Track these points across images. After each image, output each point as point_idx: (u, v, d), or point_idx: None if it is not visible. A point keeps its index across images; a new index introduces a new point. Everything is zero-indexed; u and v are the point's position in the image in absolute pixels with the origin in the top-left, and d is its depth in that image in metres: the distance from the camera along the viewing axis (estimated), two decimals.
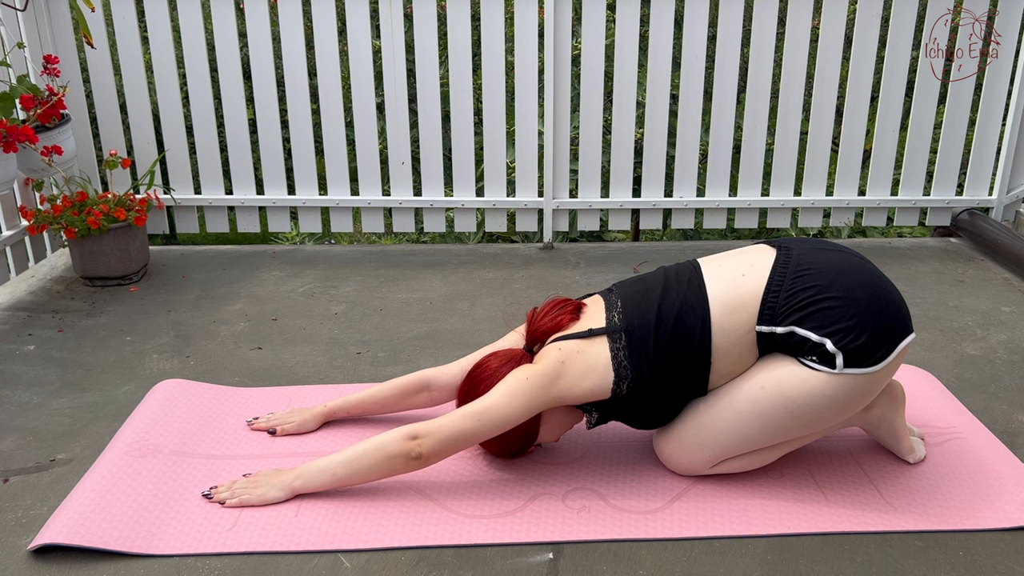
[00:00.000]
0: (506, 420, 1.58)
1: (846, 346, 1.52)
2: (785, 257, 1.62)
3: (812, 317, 1.54)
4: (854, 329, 1.52)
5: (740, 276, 1.62)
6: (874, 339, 1.53)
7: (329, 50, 3.05)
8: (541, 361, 1.63)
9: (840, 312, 1.53)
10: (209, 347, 2.36)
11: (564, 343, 1.64)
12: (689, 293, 1.62)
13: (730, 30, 3.06)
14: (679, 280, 1.65)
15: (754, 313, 1.58)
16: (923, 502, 1.63)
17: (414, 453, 1.57)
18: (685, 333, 1.59)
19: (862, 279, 1.57)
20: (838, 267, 1.59)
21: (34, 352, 2.33)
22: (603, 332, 1.63)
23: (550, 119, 3.09)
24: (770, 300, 1.57)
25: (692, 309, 1.60)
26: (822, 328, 1.53)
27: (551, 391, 1.60)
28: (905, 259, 3.06)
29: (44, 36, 2.96)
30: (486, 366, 1.71)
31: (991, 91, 3.16)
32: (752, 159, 3.22)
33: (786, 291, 1.57)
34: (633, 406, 1.65)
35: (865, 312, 1.54)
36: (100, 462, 1.75)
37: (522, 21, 3.02)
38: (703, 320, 1.59)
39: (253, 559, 1.50)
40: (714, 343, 1.59)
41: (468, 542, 1.54)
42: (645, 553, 1.52)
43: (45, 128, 2.65)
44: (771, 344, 1.60)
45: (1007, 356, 2.28)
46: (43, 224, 2.72)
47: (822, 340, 1.53)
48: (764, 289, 1.58)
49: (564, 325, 1.69)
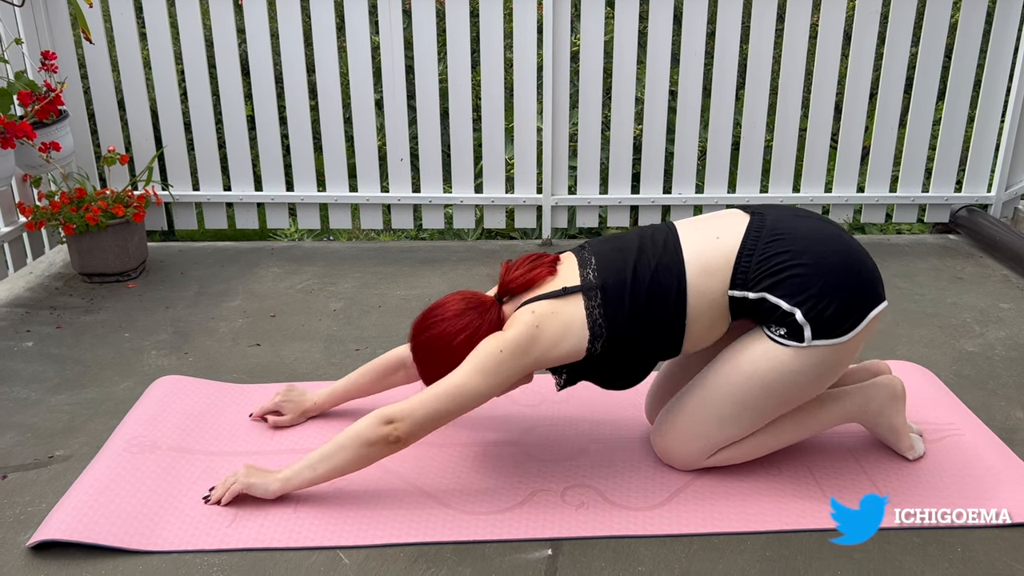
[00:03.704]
0: (482, 395, 1.56)
1: (815, 316, 1.52)
2: (759, 222, 1.61)
3: (783, 284, 1.54)
4: (824, 297, 1.52)
5: (715, 239, 1.61)
6: (843, 308, 1.53)
7: (328, 46, 3.05)
8: (513, 327, 1.58)
9: (810, 280, 1.53)
10: (207, 343, 2.36)
11: (537, 305, 1.60)
12: (665, 254, 1.60)
13: (729, 26, 3.05)
14: (655, 241, 1.64)
15: (727, 277, 1.58)
16: (921, 499, 1.63)
17: (391, 437, 1.54)
18: (661, 293, 1.58)
19: (834, 246, 1.57)
20: (811, 234, 1.58)
21: (32, 348, 2.33)
22: (578, 290, 1.60)
23: (549, 115, 3.09)
24: (742, 264, 1.57)
25: (668, 269, 1.59)
26: (793, 296, 1.53)
27: (527, 359, 1.57)
28: (904, 256, 3.06)
29: (42, 32, 2.96)
30: (445, 311, 1.64)
31: (990, 88, 3.16)
32: (751, 156, 3.22)
33: (758, 256, 1.56)
34: (605, 366, 1.64)
35: (835, 280, 1.53)
36: (99, 458, 1.75)
37: (521, 17, 3.01)
38: (679, 281, 1.58)
39: (252, 555, 1.50)
40: (689, 305, 1.58)
41: (467, 538, 1.54)
42: (644, 549, 1.52)
43: (43, 124, 2.64)
44: (743, 309, 1.59)
45: (1005, 353, 2.28)
46: (41, 220, 2.72)
47: (792, 309, 1.53)
48: (737, 253, 1.58)
49: (541, 279, 1.65)
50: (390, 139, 3.16)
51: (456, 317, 1.63)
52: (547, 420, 1.93)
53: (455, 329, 1.62)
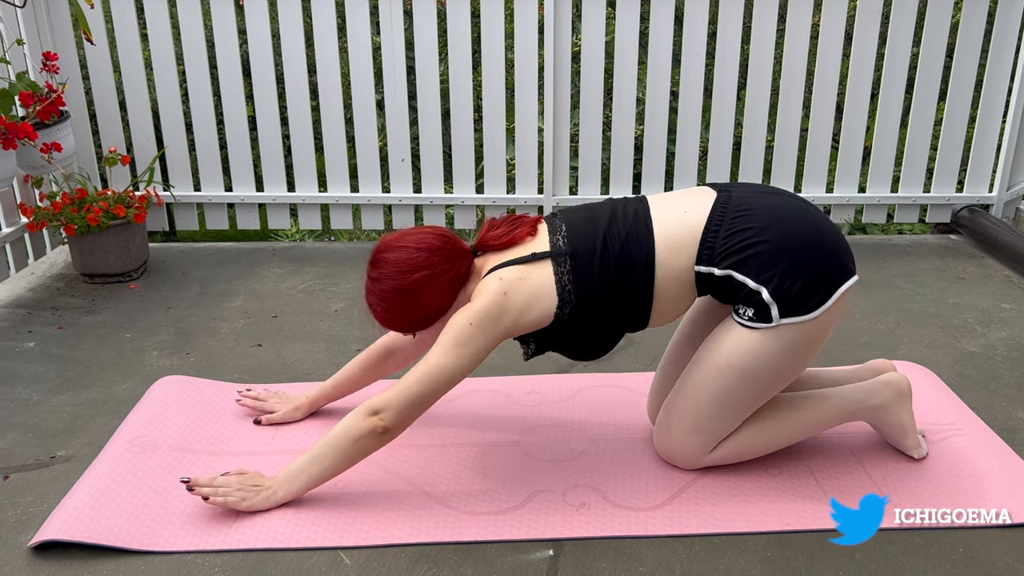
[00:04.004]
0: (459, 371, 1.55)
1: (782, 294, 1.52)
2: (725, 198, 1.61)
3: (748, 262, 1.54)
4: (789, 274, 1.52)
5: (683, 213, 1.61)
6: (810, 284, 1.53)
7: (329, 47, 3.05)
8: (481, 296, 1.57)
9: (776, 257, 1.53)
10: (209, 344, 2.36)
11: (504, 271, 1.59)
12: (636, 225, 1.60)
13: (730, 27, 3.05)
14: (626, 212, 1.64)
15: (693, 252, 1.58)
16: (921, 499, 1.63)
17: (379, 428, 1.54)
18: (630, 264, 1.58)
19: (800, 222, 1.57)
20: (776, 210, 1.58)
21: (34, 349, 2.33)
22: (547, 256, 1.59)
23: (550, 116, 3.09)
24: (708, 240, 1.57)
25: (638, 241, 1.58)
26: (759, 275, 1.53)
27: (498, 328, 1.56)
28: (905, 256, 3.06)
29: (43, 33, 2.96)
30: (418, 241, 1.60)
31: (991, 88, 3.16)
32: (752, 156, 3.22)
33: (724, 232, 1.56)
34: (572, 335, 1.63)
35: (801, 256, 1.53)
36: (100, 459, 1.75)
37: (522, 18, 3.01)
38: (648, 253, 1.58)
39: (253, 556, 1.50)
40: (656, 277, 1.58)
41: (468, 539, 1.54)
42: (645, 550, 1.52)
43: (44, 125, 2.64)
44: (709, 285, 1.59)
45: (1007, 353, 2.28)
46: (43, 221, 2.72)
47: (759, 288, 1.53)
48: (703, 229, 1.58)
49: (521, 238, 1.64)
50: (391, 139, 3.16)
51: (425, 251, 1.61)
52: (548, 420, 1.93)
53: (417, 263, 1.59)
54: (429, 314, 1.63)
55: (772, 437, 1.70)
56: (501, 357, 2.26)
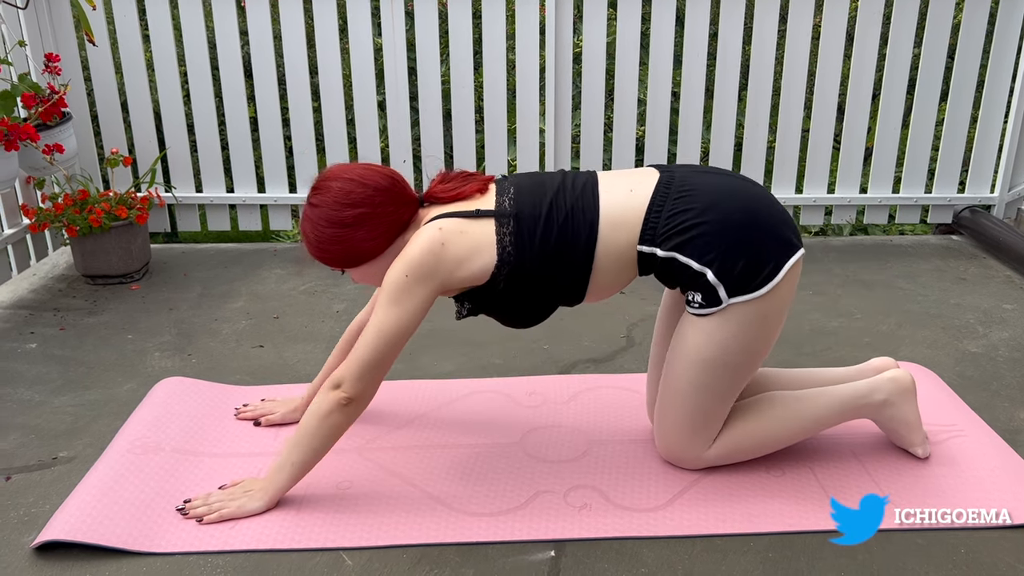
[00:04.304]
0: (405, 326, 1.54)
1: (726, 273, 1.53)
2: (668, 179, 1.61)
3: (691, 244, 1.54)
4: (731, 254, 1.53)
5: (629, 192, 1.61)
6: (754, 262, 1.53)
7: (330, 48, 3.05)
8: (417, 243, 1.54)
9: (717, 237, 1.53)
10: (211, 345, 2.36)
11: (446, 222, 1.57)
12: (583, 198, 1.60)
13: (731, 27, 3.05)
14: (575, 184, 1.63)
15: (636, 231, 1.57)
16: (922, 499, 1.63)
17: (343, 400, 1.54)
18: (573, 234, 1.57)
19: (741, 200, 1.57)
20: (717, 190, 1.58)
21: (36, 350, 2.34)
22: (491, 214, 1.58)
23: (551, 117, 3.09)
24: (651, 220, 1.57)
25: (583, 213, 1.58)
26: (702, 256, 1.53)
27: (434, 281, 1.54)
28: (907, 257, 3.06)
29: (45, 34, 2.96)
30: (364, 177, 1.59)
31: (992, 88, 3.15)
32: (753, 157, 3.22)
33: (667, 212, 1.56)
34: (508, 299, 1.62)
35: (742, 235, 1.53)
36: (102, 460, 1.76)
37: (523, 19, 3.02)
38: (591, 227, 1.57)
39: (255, 557, 1.50)
40: (597, 252, 1.58)
41: (470, 540, 1.54)
42: (647, 551, 1.52)
43: (46, 126, 2.65)
44: (651, 266, 1.60)
45: (1009, 354, 2.28)
46: (45, 222, 2.72)
47: (703, 269, 1.54)
48: (646, 209, 1.58)
49: (470, 194, 1.63)
50: (393, 141, 3.16)
51: (370, 188, 1.58)
52: (549, 421, 1.93)
53: (359, 198, 1.57)
54: (360, 253, 1.60)
55: (775, 435, 1.70)
56: (502, 358, 2.26)
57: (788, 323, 2.47)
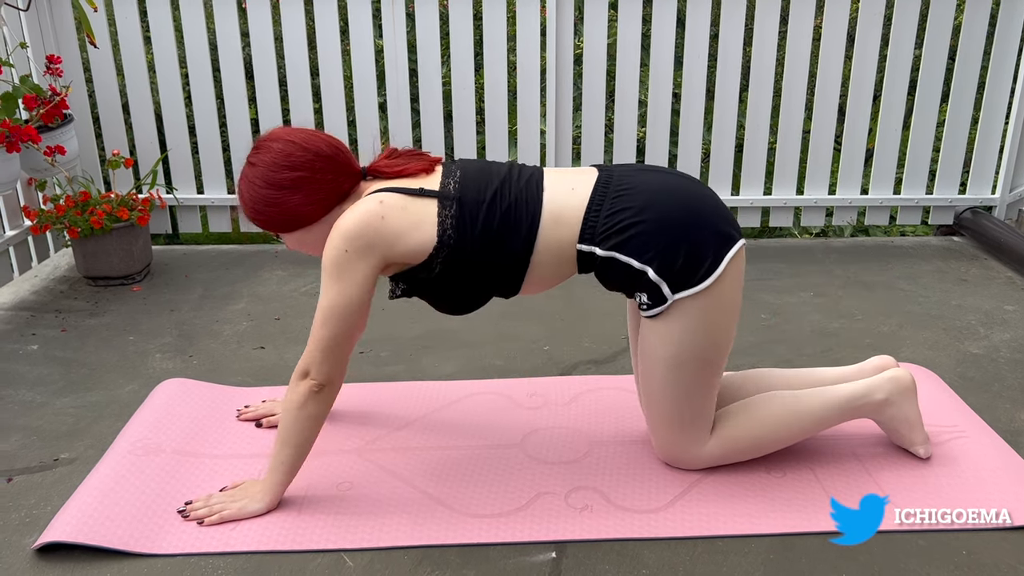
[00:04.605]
0: (352, 302, 1.53)
1: (666, 270, 1.53)
2: (606, 178, 1.61)
3: (630, 243, 1.54)
4: (670, 250, 1.53)
5: (570, 190, 1.61)
6: (693, 257, 1.54)
7: (331, 50, 3.05)
8: (356, 213, 1.53)
9: (655, 236, 1.54)
10: (212, 346, 2.36)
11: (388, 196, 1.56)
12: (527, 190, 1.60)
13: (732, 29, 3.05)
14: (521, 175, 1.63)
15: (576, 229, 1.58)
16: (922, 499, 1.63)
17: (314, 387, 1.54)
18: (514, 224, 1.57)
19: (677, 197, 1.58)
20: (654, 187, 1.59)
21: (37, 352, 2.34)
22: (434, 195, 1.57)
23: (552, 118, 3.09)
24: (590, 219, 1.57)
25: (526, 205, 1.58)
26: (641, 255, 1.54)
27: (374, 255, 1.53)
28: (908, 258, 3.05)
29: (47, 36, 2.97)
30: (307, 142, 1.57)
31: (993, 90, 3.15)
32: (754, 158, 3.22)
33: (605, 211, 1.57)
34: (442, 283, 1.61)
35: (680, 232, 1.54)
36: (103, 461, 1.76)
37: (524, 20, 3.02)
38: (533, 219, 1.57)
39: (256, 558, 1.50)
40: (536, 246, 1.58)
41: (471, 541, 1.54)
42: (648, 552, 1.52)
43: (48, 128, 2.65)
44: (591, 264, 1.60)
45: (1010, 355, 2.28)
46: (46, 224, 2.73)
47: (643, 268, 1.54)
48: (586, 207, 1.58)
49: (415, 172, 1.62)
50: (394, 142, 3.16)
51: (311, 153, 1.57)
52: (550, 423, 1.93)
53: (298, 161, 1.56)
54: (294, 218, 1.59)
55: (775, 435, 1.69)
56: (503, 359, 2.26)
57: (789, 324, 2.47)
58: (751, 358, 2.26)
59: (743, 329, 2.44)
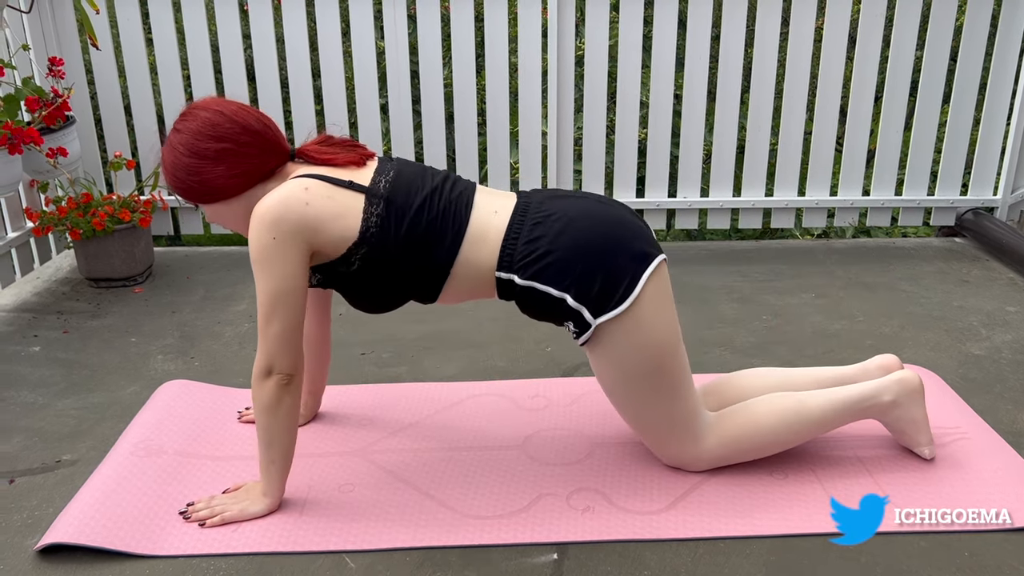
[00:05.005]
0: (292, 286, 1.50)
1: (584, 296, 1.54)
2: (524, 205, 1.61)
3: (547, 272, 1.54)
4: (586, 276, 1.53)
5: (493, 213, 1.60)
6: (609, 281, 1.53)
7: (333, 51, 3.06)
8: (278, 197, 1.50)
9: (571, 263, 1.54)
10: (213, 348, 2.36)
11: (314, 183, 1.53)
12: (457, 203, 1.59)
13: (734, 30, 3.06)
14: (454, 187, 1.62)
15: (495, 255, 1.57)
16: (926, 501, 1.63)
17: (282, 381, 1.52)
18: (438, 235, 1.56)
19: (593, 222, 1.57)
20: (571, 213, 1.58)
21: (39, 353, 2.34)
22: (363, 190, 1.55)
23: (554, 119, 3.09)
24: (508, 246, 1.57)
25: (453, 218, 1.57)
26: (559, 283, 1.54)
27: (302, 238, 1.50)
28: (909, 259, 3.05)
29: (49, 38, 2.97)
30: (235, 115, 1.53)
31: (995, 91, 3.15)
32: (756, 159, 3.22)
33: (523, 240, 1.56)
34: (360, 279, 1.58)
35: (595, 257, 1.54)
36: (105, 463, 1.76)
37: (525, 22, 3.02)
38: (457, 234, 1.57)
39: (258, 559, 1.50)
40: (458, 260, 1.57)
41: (472, 543, 1.54)
42: (649, 554, 1.52)
43: (50, 130, 2.65)
44: (511, 293, 1.59)
45: (1012, 356, 2.27)
46: (48, 226, 2.73)
47: (562, 295, 1.55)
48: (504, 235, 1.57)
49: (344, 163, 1.59)
50: (395, 144, 3.16)
51: (239, 126, 1.53)
52: (552, 424, 1.93)
53: (224, 133, 1.52)
54: (213, 190, 1.55)
55: (779, 435, 1.69)
56: (505, 360, 2.26)
57: (790, 325, 2.47)
58: (753, 359, 2.26)
59: (745, 329, 2.44)
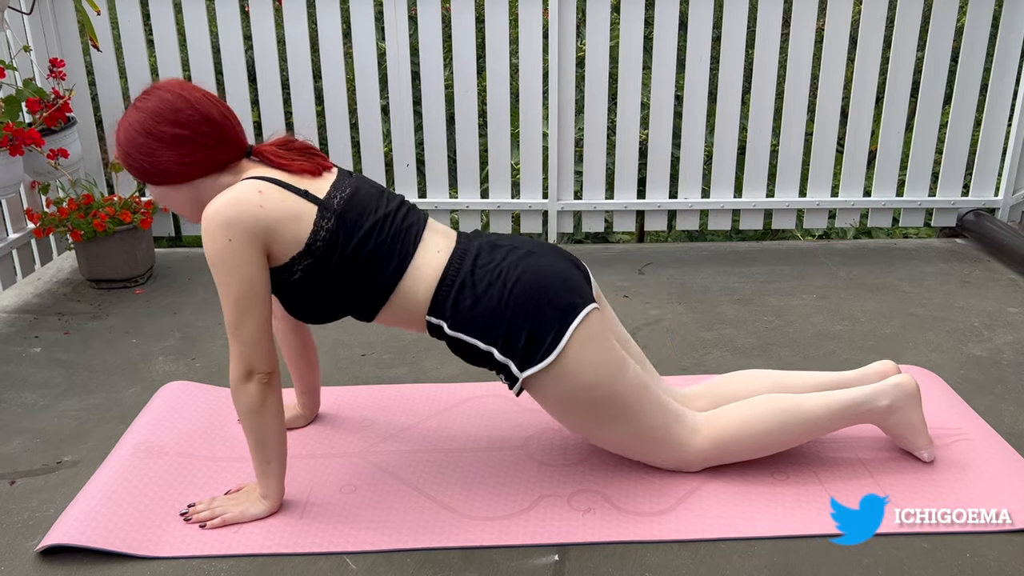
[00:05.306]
0: (256, 285, 1.48)
1: (510, 351, 1.54)
2: (461, 253, 1.60)
3: (474, 323, 1.55)
4: (513, 330, 1.54)
5: (436, 252, 1.60)
6: (534, 336, 1.54)
7: (334, 52, 3.06)
8: (231, 199, 1.47)
9: (497, 318, 1.54)
10: (214, 349, 2.36)
11: (268, 187, 1.50)
12: (406, 233, 1.59)
13: (735, 31, 3.05)
14: (407, 217, 1.61)
15: (428, 297, 1.57)
16: (926, 501, 1.63)
17: (263, 380, 1.51)
18: (383, 260, 1.55)
19: (521, 274, 1.57)
20: (501, 266, 1.58)
21: (41, 354, 2.34)
22: (318, 202, 1.53)
23: (554, 120, 3.09)
24: (441, 293, 1.57)
25: (400, 246, 1.57)
26: (486, 336, 1.55)
27: (257, 238, 1.47)
28: (911, 260, 3.05)
29: (50, 39, 2.98)
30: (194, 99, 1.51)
31: (996, 92, 3.15)
32: (757, 160, 3.22)
33: (456, 288, 1.56)
34: (300, 289, 1.56)
35: (521, 312, 1.54)
36: (106, 464, 1.76)
37: (527, 23, 3.02)
38: (401, 263, 1.57)
39: (259, 561, 1.50)
40: (398, 289, 1.57)
41: (474, 544, 1.54)
42: (650, 555, 1.52)
43: (51, 131, 2.65)
44: (441, 336, 1.60)
45: (1013, 357, 2.27)
46: (49, 227, 2.73)
47: (489, 348, 1.56)
48: (439, 280, 1.57)
49: (299, 171, 1.56)
50: (396, 145, 3.16)
51: (200, 115, 1.51)
52: (553, 425, 1.93)
53: (184, 119, 1.49)
54: (163, 173, 1.52)
55: (775, 436, 1.69)
56: None
57: (792, 326, 2.47)
58: (754, 360, 2.26)
59: (746, 331, 2.44)
